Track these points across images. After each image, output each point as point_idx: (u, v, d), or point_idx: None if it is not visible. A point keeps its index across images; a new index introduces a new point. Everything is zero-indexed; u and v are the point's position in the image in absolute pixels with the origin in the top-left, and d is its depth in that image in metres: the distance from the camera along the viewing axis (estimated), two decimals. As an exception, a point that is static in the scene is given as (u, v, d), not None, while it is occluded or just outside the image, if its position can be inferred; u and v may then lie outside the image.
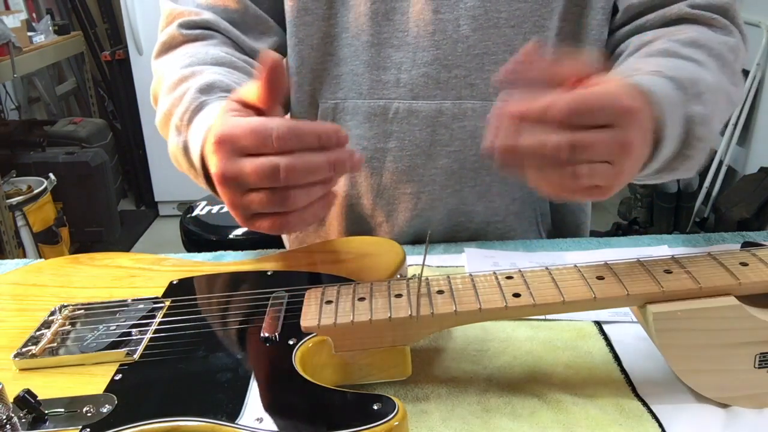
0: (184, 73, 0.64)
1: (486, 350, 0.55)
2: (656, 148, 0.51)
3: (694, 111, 0.54)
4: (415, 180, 0.75)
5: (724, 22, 0.66)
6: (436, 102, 0.71)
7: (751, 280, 0.47)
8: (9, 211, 2.17)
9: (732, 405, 0.47)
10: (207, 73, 0.62)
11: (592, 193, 0.48)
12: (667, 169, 0.57)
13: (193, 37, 0.70)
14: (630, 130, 0.46)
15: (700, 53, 0.61)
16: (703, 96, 0.55)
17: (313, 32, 0.73)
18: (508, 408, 0.48)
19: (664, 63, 0.58)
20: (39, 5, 2.92)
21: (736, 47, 0.65)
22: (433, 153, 0.73)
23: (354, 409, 0.41)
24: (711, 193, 2.74)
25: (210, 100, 0.58)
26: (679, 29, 0.65)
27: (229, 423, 0.41)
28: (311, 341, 0.48)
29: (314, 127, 0.46)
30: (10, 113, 2.82)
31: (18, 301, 0.59)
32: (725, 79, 0.61)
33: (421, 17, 0.70)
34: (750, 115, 2.66)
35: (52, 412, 0.43)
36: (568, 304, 0.48)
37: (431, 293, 0.50)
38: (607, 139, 0.45)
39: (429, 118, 0.72)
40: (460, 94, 0.71)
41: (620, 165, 0.46)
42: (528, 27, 0.69)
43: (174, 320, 0.52)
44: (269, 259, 0.63)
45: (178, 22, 0.71)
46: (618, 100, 0.45)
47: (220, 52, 0.68)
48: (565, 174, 0.45)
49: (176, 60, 0.67)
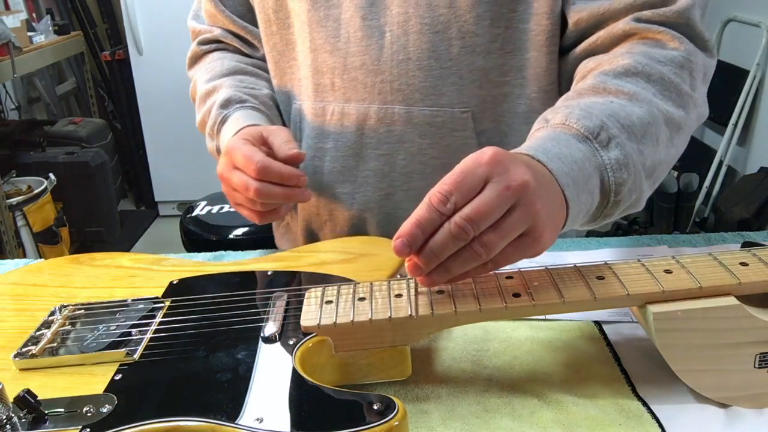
0: (207, 88, 0.80)
1: (486, 350, 0.55)
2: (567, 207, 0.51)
3: (608, 157, 0.54)
4: (350, 181, 0.77)
5: (672, 34, 0.63)
6: (364, 105, 0.74)
7: (751, 280, 0.47)
8: (9, 211, 2.17)
9: (732, 405, 0.47)
10: (224, 88, 0.78)
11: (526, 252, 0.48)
12: (604, 216, 0.57)
13: (209, 51, 0.87)
14: (507, 179, 0.46)
15: (632, 83, 0.60)
16: (617, 139, 0.54)
17: (277, 41, 0.79)
18: (508, 408, 0.48)
19: (579, 107, 0.57)
20: (39, 5, 2.92)
21: (687, 61, 0.62)
22: (363, 155, 0.75)
23: (354, 409, 0.41)
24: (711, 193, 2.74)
25: (230, 113, 0.76)
26: (619, 56, 0.63)
27: (229, 423, 0.41)
28: (311, 341, 0.48)
29: (281, 169, 0.63)
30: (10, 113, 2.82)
31: (18, 301, 0.59)
32: (664, 104, 0.60)
33: (351, 24, 0.72)
34: (750, 115, 2.66)
35: (52, 412, 0.43)
36: (568, 304, 0.48)
37: (431, 293, 0.50)
38: (492, 194, 0.46)
39: (358, 121, 0.74)
40: (386, 98, 0.73)
41: (525, 208, 0.47)
42: (453, 33, 0.69)
43: (174, 320, 0.52)
44: (269, 259, 0.63)
45: (198, 40, 0.88)
46: (475, 156, 0.47)
47: (232, 62, 0.83)
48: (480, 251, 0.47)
49: (201, 73, 0.84)
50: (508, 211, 0.46)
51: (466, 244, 0.46)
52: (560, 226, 0.51)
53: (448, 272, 0.48)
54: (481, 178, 0.46)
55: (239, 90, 0.78)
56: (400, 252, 0.46)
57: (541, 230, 0.48)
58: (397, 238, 0.46)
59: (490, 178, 0.46)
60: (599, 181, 0.54)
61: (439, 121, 0.72)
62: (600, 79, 0.61)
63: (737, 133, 2.68)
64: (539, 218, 0.47)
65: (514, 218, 0.46)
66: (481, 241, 0.46)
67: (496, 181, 0.46)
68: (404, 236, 0.46)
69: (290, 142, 0.67)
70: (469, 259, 0.47)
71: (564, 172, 0.51)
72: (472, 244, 0.46)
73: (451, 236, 0.46)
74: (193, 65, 0.89)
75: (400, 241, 0.46)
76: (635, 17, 0.64)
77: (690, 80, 0.63)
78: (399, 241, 0.46)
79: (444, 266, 0.47)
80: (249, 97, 0.77)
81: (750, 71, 2.60)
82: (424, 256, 0.47)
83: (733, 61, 2.76)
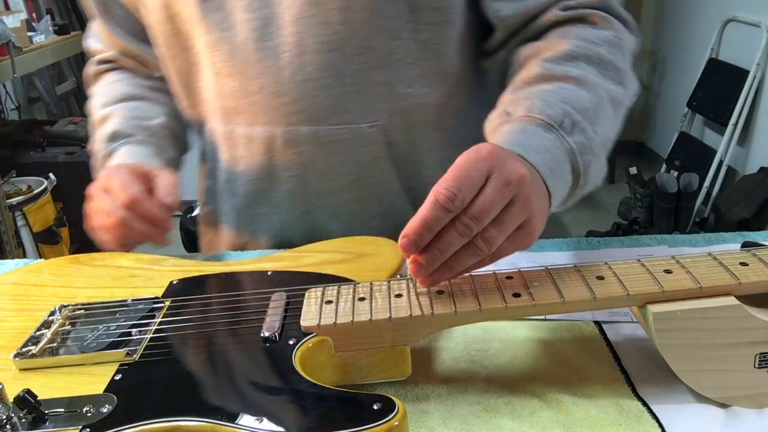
0: (100, 115, 0.80)
1: (486, 350, 0.55)
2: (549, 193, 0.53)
3: (574, 142, 0.55)
4: (265, 202, 0.76)
5: (601, 15, 0.66)
6: (269, 128, 0.72)
7: (751, 280, 0.47)
8: (9, 211, 2.16)
9: (732, 405, 0.47)
10: (114, 119, 0.78)
11: (521, 245, 0.49)
12: (572, 198, 0.59)
13: (107, 70, 0.86)
14: (506, 173, 0.47)
15: (575, 67, 0.61)
16: (580, 124, 0.56)
17: (180, 63, 0.76)
18: (508, 408, 0.48)
19: (537, 97, 0.58)
20: (39, 5, 2.92)
21: (618, 39, 0.65)
22: (275, 178, 0.74)
23: (354, 409, 0.41)
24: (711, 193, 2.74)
25: (116, 147, 0.76)
26: (555, 42, 0.64)
27: (229, 423, 0.41)
28: (311, 341, 0.48)
29: (150, 209, 0.66)
30: (10, 113, 2.82)
31: (18, 301, 0.59)
32: (606, 83, 0.61)
33: (246, 46, 0.69)
34: (750, 115, 2.66)
35: (52, 412, 0.43)
36: (568, 304, 0.48)
37: (431, 293, 0.50)
38: (494, 190, 0.46)
39: (266, 145, 0.73)
40: (290, 120, 0.71)
41: (522, 202, 0.48)
42: (351, 49, 0.67)
43: (174, 320, 0.52)
44: (269, 259, 0.63)
45: (95, 59, 0.87)
46: (474, 151, 0.48)
47: (127, 88, 0.82)
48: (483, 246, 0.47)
49: (97, 97, 0.83)
50: (507, 206, 0.47)
51: (469, 241, 0.47)
52: (547, 216, 0.52)
53: (450, 269, 0.48)
54: (483, 173, 0.47)
55: (129, 122, 0.78)
56: (407, 250, 0.46)
57: (535, 222, 0.49)
58: (404, 237, 0.46)
59: (491, 173, 0.47)
60: (570, 167, 0.56)
61: (347, 138, 0.71)
62: (545, 66, 0.62)
63: (737, 133, 2.68)
64: (534, 211, 0.49)
65: (513, 212, 0.47)
66: (484, 237, 0.47)
67: (497, 176, 0.47)
68: (411, 235, 0.46)
69: (172, 188, 0.68)
70: (471, 255, 0.47)
71: (542, 162, 0.52)
72: (474, 240, 0.47)
73: (457, 234, 0.46)
74: (92, 84, 0.87)
75: (406, 240, 0.46)
76: (562, 6, 0.66)
77: (622, 57, 0.65)
78: (405, 240, 0.46)
79: (446, 264, 0.47)
80: (137, 131, 0.77)
81: (750, 71, 2.61)
82: (430, 254, 0.47)
83: (733, 61, 2.76)
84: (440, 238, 0.46)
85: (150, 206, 0.66)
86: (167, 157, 0.79)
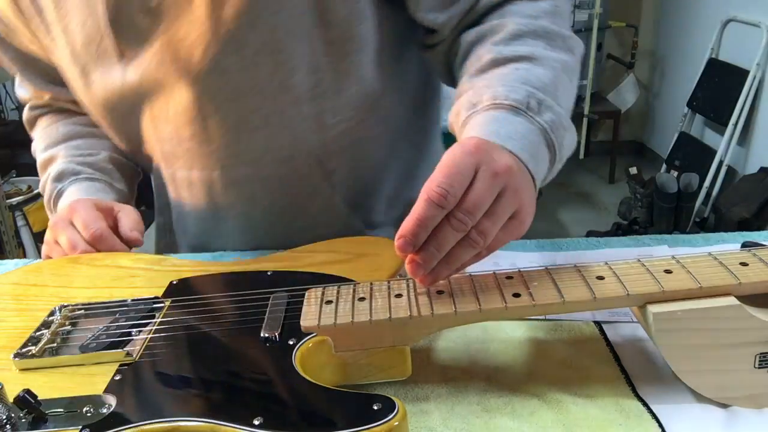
0: (44, 157, 0.80)
1: (486, 350, 0.55)
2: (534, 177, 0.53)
3: (544, 121, 0.56)
4: (215, 238, 0.77)
5: None
6: (206, 172, 0.72)
7: (751, 280, 0.47)
8: (9, 211, 2.17)
9: (732, 405, 0.47)
10: (59, 159, 0.78)
11: (513, 234, 0.50)
12: (553, 171, 0.59)
13: (43, 114, 0.84)
14: (494, 166, 0.48)
15: (523, 44, 0.61)
16: (545, 102, 0.57)
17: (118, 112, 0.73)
18: (508, 408, 0.48)
19: (497, 83, 0.58)
20: (39, 5, 2.91)
21: (555, 7, 0.65)
22: (219, 217, 0.75)
23: (354, 409, 0.41)
24: (711, 193, 2.75)
25: (64, 186, 0.75)
26: (497, 24, 0.64)
27: (229, 423, 0.41)
28: (311, 341, 0.48)
29: (115, 245, 0.66)
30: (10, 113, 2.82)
31: (18, 301, 0.59)
32: (556, 54, 0.62)
33: (176, 95, 0.68)
34: (750, 115, 2.66)
35: (52, 412, 0.43)
36: (568, 304, 0.48)
37: (431, 293, 0.50)
38: (484, 184, 0.47)
39: (206, 187, 0.73)
40: (225, 163, 0.71)
41: (512, 192, 0.49)
42: (272, 90, 0.66)
43: (174, 320, 0.52)
44: (269, 259, 0.63)
45: (28, 106, 0.85)
46: (460, 147, 0.48)
47: (67, 127, 0.81)
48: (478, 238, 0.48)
49: (39, 140, 0.82)
50: (497, 197, 0.48)
51: (464, 235, 0.47)
52: (535, 202, 0.53)
53: (448, 265, 0.48)
54: (472, 168, 0.47)
55: (74, 159, 0.77)
56: (404, 250, 0.47)
57: (526, 210, 0.50)
58: (400, 238, 0.46)
59: (479, 166, 0.47)
60: (545, 146, 0.56)
61: (285, 173, 0.71)
62: (495, 50, 0.62)
63: (737, 133, 2.68)
64: (524, 199, 0.49)
65: (504, 203, 0.48)
66: (478, 229, 0.47)
67: (485, 169, 0.48)
68: (407, 235, 0.46)
69: (135, 223, 0.69)
70: (467, 249, 0.48)
71: (520, 148, 0.53)
72: (470, 234, 0.47)
73: (452, 230, 0.46)
74: (31, 129, 0.86)
75: (403, 240, 0.46)
76: None
77: (564, 23, 0.65)
78: (402, 240, 0.46)
79: (444, 260, 0.48)
80: (83, 168, 0.76)
81: (750, 71, 2.61)
82: (427, 252, 0.47)
83: (733, 61, 2.76)
84: (436, 235, 0.47)
85: (114, 242, 0.66)
86: (117, 190, 0.78)
